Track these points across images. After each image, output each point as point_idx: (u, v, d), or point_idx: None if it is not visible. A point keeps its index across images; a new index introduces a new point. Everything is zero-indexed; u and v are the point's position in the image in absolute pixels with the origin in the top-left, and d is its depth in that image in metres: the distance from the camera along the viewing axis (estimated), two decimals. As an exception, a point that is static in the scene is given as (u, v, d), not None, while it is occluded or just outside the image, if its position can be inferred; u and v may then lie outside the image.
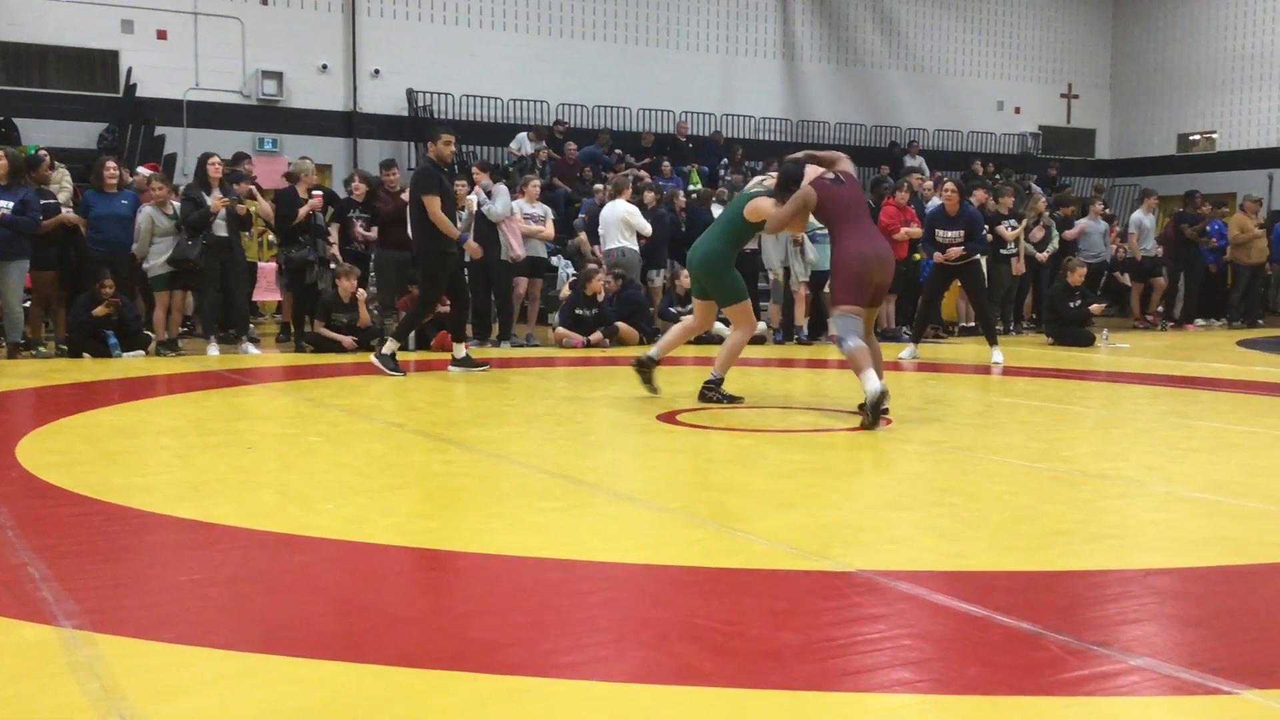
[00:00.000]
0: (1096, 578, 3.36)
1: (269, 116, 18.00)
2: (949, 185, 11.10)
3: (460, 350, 9.04)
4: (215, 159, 10.49)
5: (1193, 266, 15.85)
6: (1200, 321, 16.00)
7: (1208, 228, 15.98)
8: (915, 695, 2.45)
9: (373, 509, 4.14)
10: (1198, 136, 24.35)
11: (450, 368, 9.02)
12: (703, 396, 7.06)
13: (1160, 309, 16.18)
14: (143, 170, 12.77)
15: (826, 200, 6.37)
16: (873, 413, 5.98)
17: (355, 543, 3.68)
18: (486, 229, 11.50)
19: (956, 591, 3.15)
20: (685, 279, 12.50)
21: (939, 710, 2.38)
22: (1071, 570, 3.42)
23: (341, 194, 12.96)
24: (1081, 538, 3.82)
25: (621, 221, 12.40)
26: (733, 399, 7.06)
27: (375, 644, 2.72)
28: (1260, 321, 16.48)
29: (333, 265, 11.09)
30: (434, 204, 8.63)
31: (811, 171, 6.53)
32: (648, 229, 12.62)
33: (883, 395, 5.98)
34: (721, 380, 7.10)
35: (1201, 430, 6.29)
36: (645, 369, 7.39)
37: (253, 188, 11.15)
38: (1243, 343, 13.20)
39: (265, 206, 11.29)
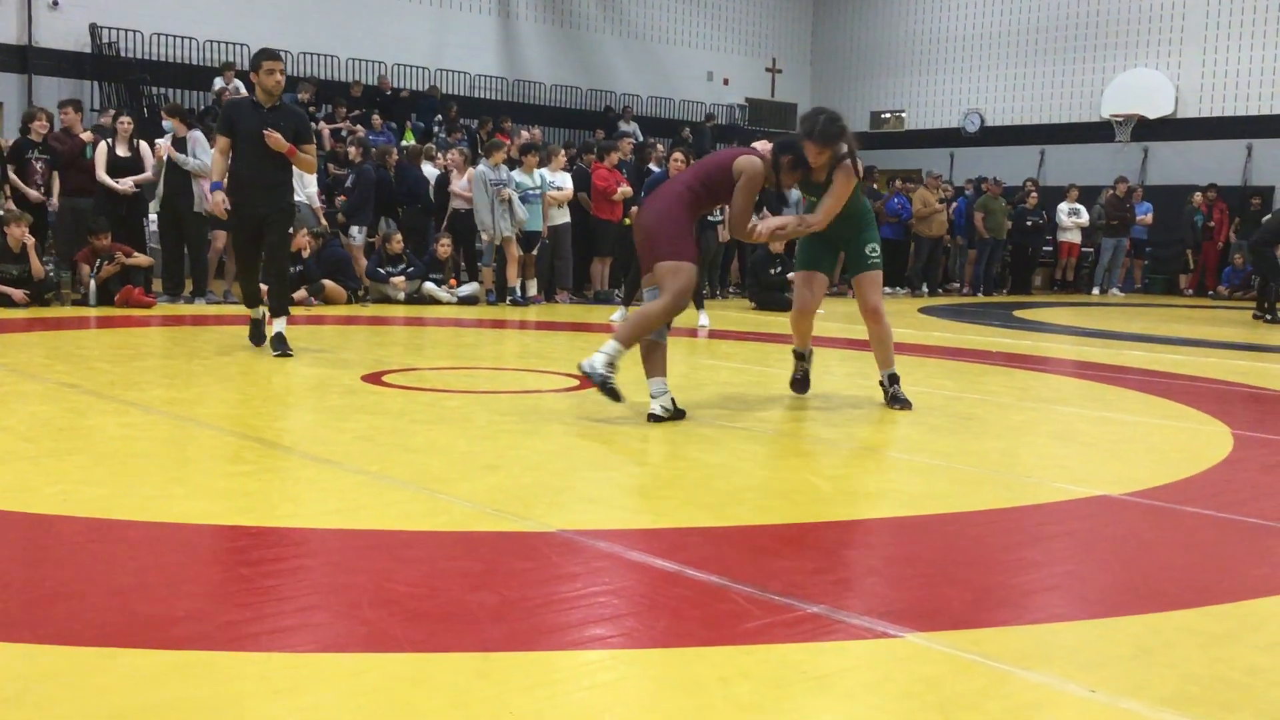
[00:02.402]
0: (781, 531, 3.51)
1: (-73, 47, 16.23)
2: (677, 155, 11.24)
3: (279, 324, 7.38)
4: None
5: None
6: (885, 290, 17.08)
7: (892, 202, 17.07)
8: (606, 651, 2.47)
9: (35, 477, 3.80)
10: (889, 115, 25.96)
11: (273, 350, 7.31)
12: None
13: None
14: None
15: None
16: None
17: (13, 513, 3.36)
18: (179, 177, 10.82)
19: (651, 548, 3.21)
20: (397, 240, 12.21)
21: (627, 664, 2.41)
22: (758, 524, 3.56)
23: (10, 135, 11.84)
24: (770, 493, 3.99)
25: (296, 176, 11.93)
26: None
27: (28, 621, 2.49)
28: (940, 290, 17.81)
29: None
30: (216, 144, 7.37)
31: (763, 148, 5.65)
32: (312, 188, 12.16)
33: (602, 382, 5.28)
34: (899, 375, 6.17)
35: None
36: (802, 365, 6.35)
37: None
38: (923, 310, 14.22)
39: None
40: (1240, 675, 2.45)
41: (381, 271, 12.09)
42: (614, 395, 5.27)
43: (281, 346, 7.27)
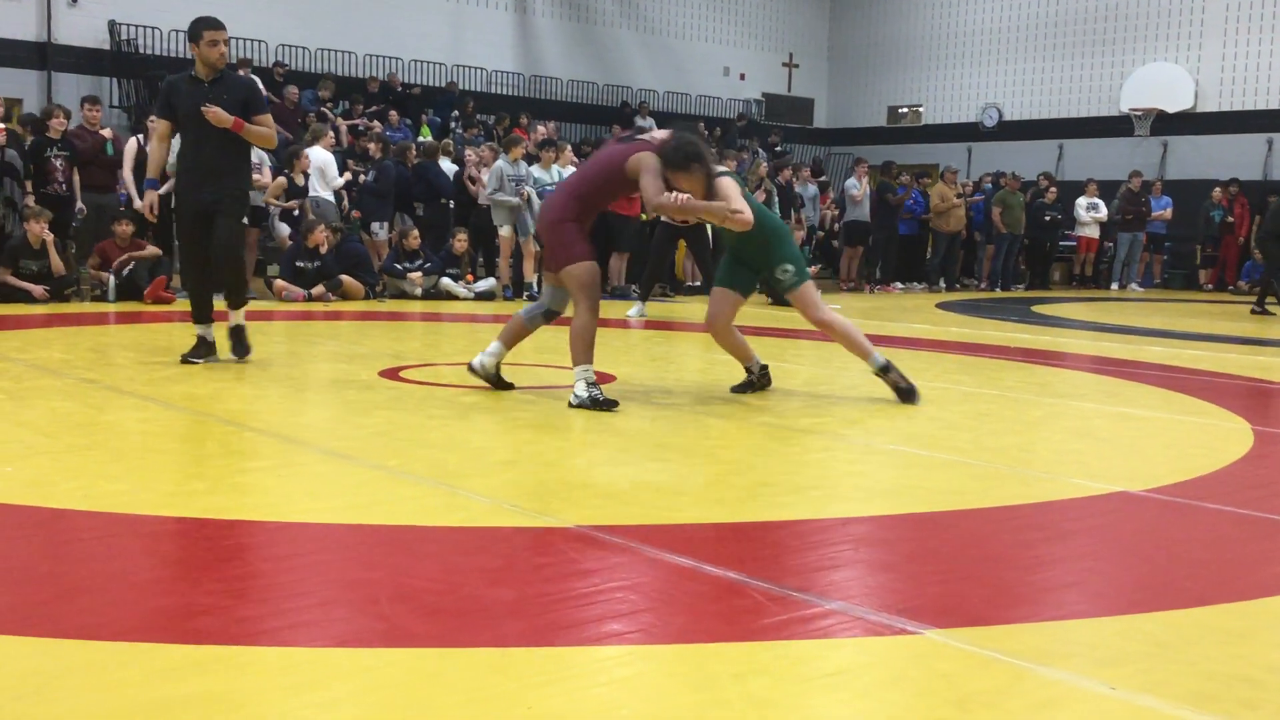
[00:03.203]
0: (798, 527, 3.51)
1: (-52, 44, 16.32)
2: None
3: (236, 317, 6.58)
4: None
5: (892, 233, 16.77)
6: (900, 285, 17.02)
7: (910, 197, 16.99)
8: (623, 647, 2.47)
9: (55, 471, 3.83)
10: (906, 109, 25.84)
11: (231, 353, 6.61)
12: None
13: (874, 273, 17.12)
14: None
15: None
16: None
17: (34, 508, 3.38)
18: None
19: (668, 544, 3.21)
20: (414, 236, 12.23)
21: (644, 660, 2.41)
22: (775, 520, 3.56)
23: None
24: (786, 489, 3.98)
25: (317, 170, 12.04)
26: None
27: (51, 616, 2.51)
28: (957, 285, 17.73)
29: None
30: (155, 129, 6.57)
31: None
32: (338, 181, 12.29)
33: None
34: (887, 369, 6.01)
35: (900, 386, 6.69)
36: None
37: None
38: (941, 305, 14.16)
39: None
40: (1260, 673, 2.43)
41: (398, 267, 12.11)
42: (611, 405, 5.40)
43: (239, 344, 6.54)
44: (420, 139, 16.34)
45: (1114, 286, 19.41)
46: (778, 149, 21.55)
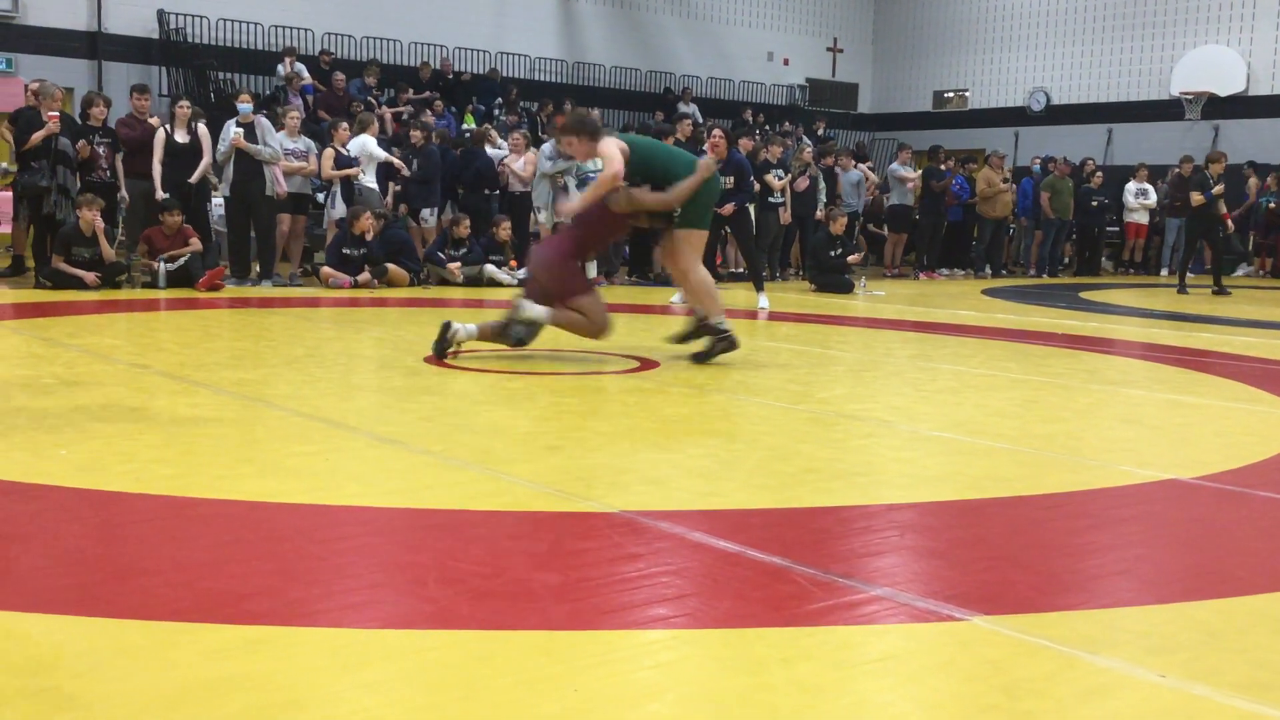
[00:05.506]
0: (843, 513, 3.49)
1: (2, 35, 16.54)
2: (716, 132, 11.13)
3: None
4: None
5: (938, 219, 16.59)
6: (944, 271, 16.86)
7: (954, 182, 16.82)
8: (669, 630, 2.48)
9: (108, 455, 3.89)
10: (951, 94, 25.58)
11: None
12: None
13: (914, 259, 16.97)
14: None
15: None
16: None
17: (88, 490, 3.44)
18: (250, 162, 10.95)
19: (713, 529, 3.21)
20: (464, 225, 12.27)
21: (690, 644, 2.41)
22: (820, 506, 3.55)
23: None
24: (831, 475, 3.97)
25: (365, 156, 12.10)
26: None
27: (106, 597, 2.55)
28: (1004, 271, 17.55)
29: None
30: None
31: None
32: (381, 154, 12.28)
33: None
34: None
35: (945, 373, 6.65)
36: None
37: None
38: (986, 291, 14.03)
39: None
40: (1315, 663, 2.40)
41: (440, 255, 12.15)
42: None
43: None
44: (464, 126, 16.40)
45: (1164, 272, 19.14)
46: (823, 136, 21.41)
